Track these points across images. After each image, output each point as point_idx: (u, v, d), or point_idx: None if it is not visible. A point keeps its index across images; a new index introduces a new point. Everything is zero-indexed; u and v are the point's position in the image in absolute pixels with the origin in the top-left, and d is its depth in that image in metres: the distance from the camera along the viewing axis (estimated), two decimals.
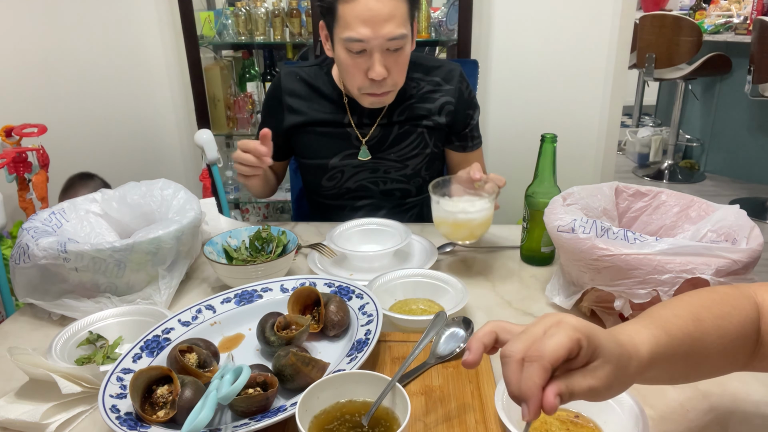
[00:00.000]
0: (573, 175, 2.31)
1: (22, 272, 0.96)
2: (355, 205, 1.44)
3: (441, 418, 0.70)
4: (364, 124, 1.36)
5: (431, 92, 1.36)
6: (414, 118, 1.36)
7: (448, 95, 1.36)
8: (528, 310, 0.98)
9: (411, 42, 1.23)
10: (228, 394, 0.65)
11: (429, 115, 1.36)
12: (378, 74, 1.18)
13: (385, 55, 1.18)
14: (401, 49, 1.19)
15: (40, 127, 1.79)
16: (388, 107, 1.34)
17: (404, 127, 1.36)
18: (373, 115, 1.35)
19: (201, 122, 2.35)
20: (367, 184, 1.41)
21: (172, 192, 1.15)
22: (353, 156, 1.37)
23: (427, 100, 1.36)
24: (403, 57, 1.21)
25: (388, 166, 1.38)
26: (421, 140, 1.37)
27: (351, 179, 1.40)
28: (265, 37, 2.31)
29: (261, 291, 0.96)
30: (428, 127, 1.36)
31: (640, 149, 4.44)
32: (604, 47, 2.22)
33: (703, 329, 0.57)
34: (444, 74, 1.37)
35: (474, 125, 1.43)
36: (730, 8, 3.99)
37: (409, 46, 1.23)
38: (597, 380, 0.49)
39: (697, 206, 0.99)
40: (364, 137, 1.36)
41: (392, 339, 0.87)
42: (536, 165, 1.09)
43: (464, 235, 1.06)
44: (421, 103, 1.36)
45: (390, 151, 1.37)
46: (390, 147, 1.37)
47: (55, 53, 2.06)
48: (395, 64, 1.20)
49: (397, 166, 1.38)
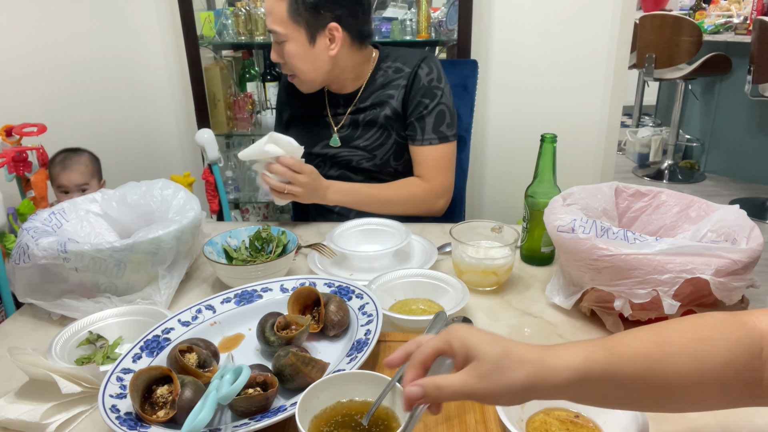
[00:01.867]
0: (573, 175, 2.31)
1: (22, 272, 0.96)
2: None
3: (441, 418, 0.70)
4: (338, 113, 1.45)
5: (394, 79, 1.41)
6: (378, 104, 1.40)
7: (404, 78, 1.39)
8: (528, 310, 0.98)
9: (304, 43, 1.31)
10: (228, 394, 0.65)
11: (388, 100, 1.40)
12: (271, 56, 1.36)
13: (276, 45, 1.34)
14: (283, 43, 1.31)
15: (40, 126, 1.79)
16: (359, 97, 1.42)
17: (369, 115, 1.41)
18: (347, 104, 1.43)
19: (201, 122, 2.34)
20: (347, 172, 1.46)
21: (172, 192, 1.15)
22: (328, 146, 1.45)
23: (390, 87, 1.41)
24: (286, 51, 1.32)
25: (359, 156, 1.43)
26: (383, 129, 1.41)
27: (333, 168, 1.47)
28: (265, 37, 2.31)
29: (261, 291, 0.96)
30: (386, 115, 1.40)
31: (640, 149, 4.44)
32: (604, 47, 2.22)
33: (670, 351, 0.53)
34: (407, 58, 1.42)
35: (425, 116, 1.37)
36: (730, 8, 3.99)
37: (296, 45, 1.31)
38: (469, 378, 0.53)
39: (697, 206, 0.99)
40: (337, 125, 1.44)
41: (392, 339, 0.87)
42: (536, 165, 1.09)
43: (491, 282, 1.04)
44: (385, 90, 1.41)
45: (358, 141, 1.43)
46: (359, 137, 1.42)
47: (55, 53, 2.06)
48: (282, 54, 1.33)
49: (367, 156, 1.43)
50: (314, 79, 1.38)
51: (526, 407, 0.70)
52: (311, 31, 1.31)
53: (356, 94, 1.43)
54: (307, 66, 1.35)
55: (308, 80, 1.38)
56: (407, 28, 2.22)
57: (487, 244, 1.08)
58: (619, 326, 0.88)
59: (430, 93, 1.38)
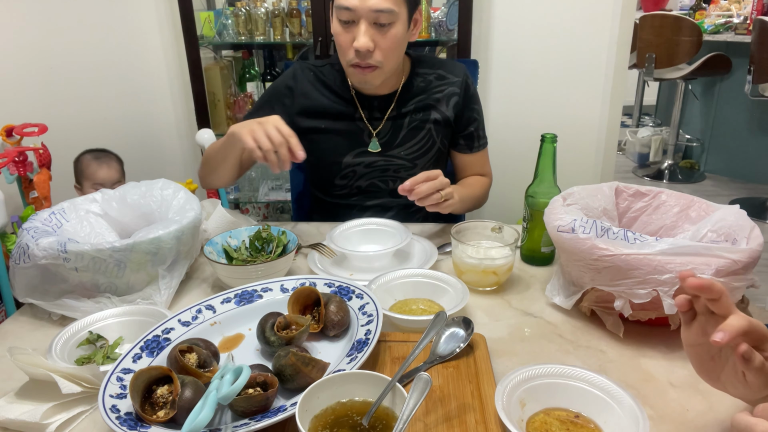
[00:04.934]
0: (573, 175, 2.31)
1: (22, 272, 0.96)
2: (365, 204, 1.43)
3: (441, 418, 0.70)
4: (375, 118, 1.36)
5: (438, 84, 1.37)
6: (422, 109, 1.36)
7: (455, 86, 1.37)
8: (528, 310, 0.98)
9: (406, 24, 1.22)
10: (228, 394, 0.65)
11: (437, 106, 1.36)
12: (361, 44, 1.17)
13: (372, 29, 1.18)
14: (390, 25, 1.18)
15: (41, 126, 1.80)
16: (396, 101, 1.35)
17: (414, 121, 1.36)
18: (383, 109, 1.35)
19: (201, 122, 2.35)
20: (378, 182, 1.41)
21: (172, 192, 1.15)
22: (365, 153, 1.37)
23: (434, 92, 1.36)
24: (391, 34, 1.19)
25: (398, 165, 1.38)
26: (429, 137, 1.37)
27: (363, 178, 1.40)
28: (265, 37, 2.31)
29: (261, 291, 0.96)
30: (436, 120, 1.36)
31: (640, 149, 4.44)
32: (604, 47, 2.22)
33: None
34: (450, 67, 1.39)
35: (480, 123, 1.43)
36: (730, 8, 3.99)
37: (402, 27, 1.21)
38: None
39: (697, 206, 0.99)
40: (375, 130, 1.37)
41: (392, 339, 0.87)
42: (536, 165, 1.09)
43: (491, 282, 1.04)
44: (429, 94, 1.36)
45: (400, 149, 1.37)
46: (401, 144, 1.37)
47: (55, 53, 2.07)
48: (382, 39, 1.19)
49: (407, 165, 1.38)
50: (392, 71, 1.27)
51: (527, 407, 0.70)
52: (411, 10, 1.22)
53: (393, 97, 1.35)
54: (399, 53, 1.25)
55: (387, 72, 1.26)
56: None
57: (487, 244, 1.08)
58: (619, 326, 0.88)
59: (477, 101, 1.42)
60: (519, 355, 0.85)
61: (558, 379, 0.72)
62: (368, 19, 1.17)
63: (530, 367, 0.73)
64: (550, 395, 0.71)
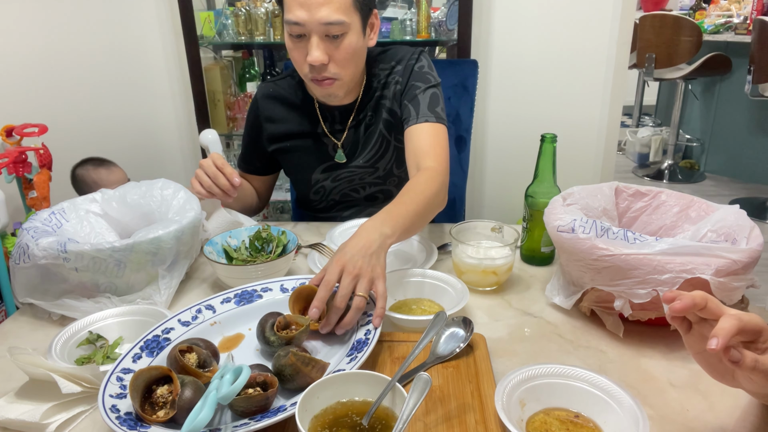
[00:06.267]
0: (573, 175, 2.31)
1: (22, 272, 0.96)
2: (343, 215, 1.43)
3: (441, 418, 0.70)
4: (337, 130, 1.35)
5: (388, 80, 1.31)
6: (374, 110, 1.32)
7: (397, 75, 1.30)
8: (528, 310, 0.98)
9: (360, 32, 1.17)
10: (228, 394, 0.65)
11: (384, 103, 1.31)
12: (314, 58, 1.13)
13: (325, 42, 1.14)
14: (342, 36, 1.14)
15: (41, 126, 1.80)
16: (356, 108, 1.32)
17: (369, 126, 1.33)
18: (344, 120, 1.33)
19: (201, 122, 2.35)
20: (349, 192, 1.40)
21: (172, 192, 1.15)
22: (333, 166, 1.36)
23: (386, 88, 1.31)
24: (344, 45, 1.15)
25: (361, 173, 1.37)
26: (382, 138, 1.33)
27: (333, 191, 1.40)
28: (265, 37, 2.31)
29: (261, 291, 0.96)
30: (385, 119, 1.31)
31: (640, 149, 4.45)
32: (604, 47, 2.22)
33: None
34: (399, 57, 1.31)
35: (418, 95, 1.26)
36: (730, 8, 3.99)
37: (356, 36, 1.16)
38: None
39: (697, 206, 0.99)
40: (339, 141, 1.35)
41: (392, 339, 0.87)
42: (536, 165, 1.09)
43: (491, 282, 1.04)
44: (382, 92, 1.31)
45: (359, 158, 1.35)
46: (360, 152, 1.35)
47: (55, 53, 2.06)
48: (336, 51, 1.15)
49: (369, 170, 1.36)
50: (353, 80, 1.23)
51: (526, 407, 0.70)
52: (364, 17, 1.17)
53: (353, 105, 1.32)
54: (357, 62, 1.20)
55: (348, 83, 1.23)
56: (407, 28, 2.23)
57: (487, 244, 1.08)
58: (619, 326, 0.88)
59: (423, 78, 1.29)
60: (519, 355, 0.85)
61: (558, 379, 0.72)
62: (319, 33, 1.12)
63: (530, 367, 0.73)
64: (550, 395, 0.71)
